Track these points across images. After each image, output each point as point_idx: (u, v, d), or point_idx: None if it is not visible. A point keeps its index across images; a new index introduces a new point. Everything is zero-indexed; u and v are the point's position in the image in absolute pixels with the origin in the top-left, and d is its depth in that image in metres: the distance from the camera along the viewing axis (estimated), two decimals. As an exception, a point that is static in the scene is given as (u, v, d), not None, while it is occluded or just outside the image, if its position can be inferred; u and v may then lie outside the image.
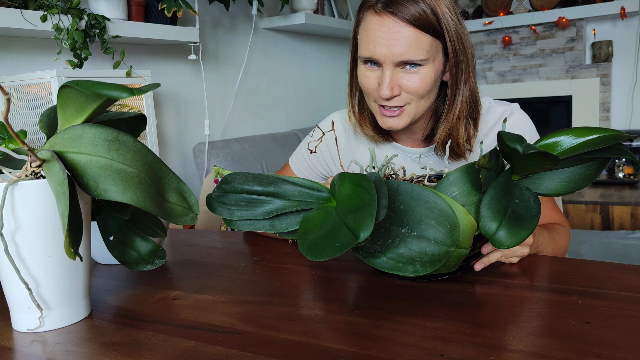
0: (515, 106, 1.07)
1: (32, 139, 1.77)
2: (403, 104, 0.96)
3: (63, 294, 0.66)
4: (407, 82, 0.94)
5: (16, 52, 1.90)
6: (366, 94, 1.00)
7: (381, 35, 0.91)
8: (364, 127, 1.08)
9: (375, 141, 1.11)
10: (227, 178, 0.78)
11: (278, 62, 3.10)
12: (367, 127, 1.08)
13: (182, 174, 2.56)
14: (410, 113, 0.97)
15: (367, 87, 0.98)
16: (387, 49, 0.91)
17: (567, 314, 0.63)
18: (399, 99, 0.95)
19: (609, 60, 3.62)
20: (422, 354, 0.55)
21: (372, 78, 0.96)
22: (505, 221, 0.66)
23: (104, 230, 0.81)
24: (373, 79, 0.96)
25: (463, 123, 0.99)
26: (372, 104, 1.00)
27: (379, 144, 1.11)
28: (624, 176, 2.95)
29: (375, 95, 0.97)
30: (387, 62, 0.93)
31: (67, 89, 0.60)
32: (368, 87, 0.97)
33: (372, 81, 0.96)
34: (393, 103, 0.96)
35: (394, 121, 0.98)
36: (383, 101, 0.96)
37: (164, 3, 2.08)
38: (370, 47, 0.93)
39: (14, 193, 0.61)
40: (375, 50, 0.93)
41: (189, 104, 2.57)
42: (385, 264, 0.64)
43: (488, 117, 1.05)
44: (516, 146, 0.64)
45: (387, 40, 0.91)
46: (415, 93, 0.95)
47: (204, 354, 0.58)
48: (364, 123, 1.08)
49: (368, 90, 0.98)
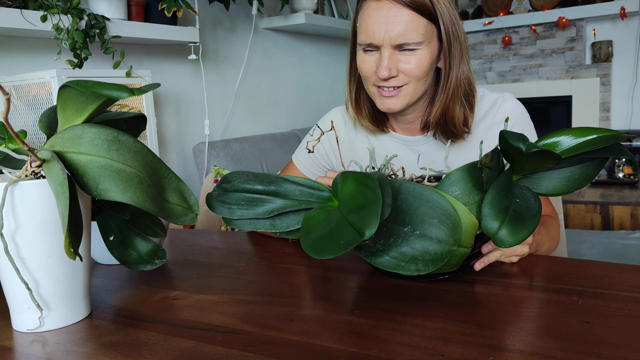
0: (509, 95, 1.09)
1: (32, 139, 1.77)
2: (401, 84, 0.99)
3: (63, 294, 0.66)
4: (405, 64, 0.97)
5: (16, 52, 1.90)
6: (365, 80, 1.03)
7: (379, 20, 0.95)
8: (360, 118, 1.11)
9: (373, 132, 1.13)
10: (227, 177, 0.78)
11: (278, 62, 3.09)
12: (363, 119, 1.10)
13: (182, 174, 2.56)
14: (407, 94, 1.00)
15: (365, 71, 1.00)
16: (385, 32, 0.95)
17: (567, 314, 0.63)
18: (397, 79, 0.98)
19: (609, 60, 3.62)
20: (422, 354, 0.55)
21: (370, 62, 0.99)
22: (507, 220, 0.66)
23: (104, 230, 0.81)
24: (371, 63, 0.99)
25: (458, 104, 1.02)
26: (370, 89, 1.02)
27: (376, 134, 1.14)
28: (624, 176, 2.95)
29: (374, 78, 1.00)
30: (385, 45, 0.96)
31: (67, 89, 0.60)
32: (367, 70, 1.00)
33: (371, 64, 0.99)
34: (391, 83, 0.98)
35: (392, 101, 1.00)
36: (381, 82, 0.98)
37: (164, 3, 2.08)
38: (369, 32, 0.96)
39: (14, 193, 0.61)
40: (374, 34, 0.96)
41: (189, 104, 2.57)
42: (388, 263, 0.64)
43: (482, 103, 1.08)
44: (519, 145, 0.64)
45: (385, 23, 0.95)
46: (412, 75, 0.97)
47: (204, 354, 0.58)
48: (361, 114, 1.10)
49: (366, 74, 1.01)
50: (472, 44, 4.03)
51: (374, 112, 1.10)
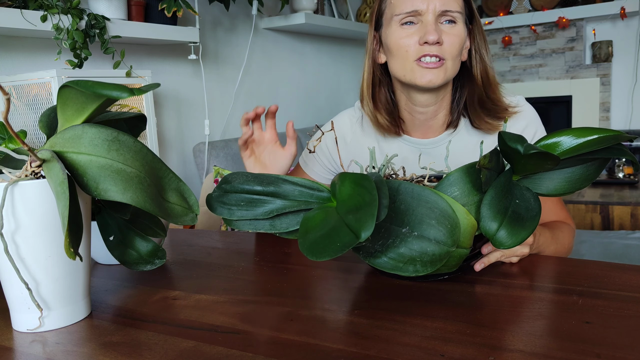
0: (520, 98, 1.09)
1: (32, 139, 1.77)
2: (443, 57, 0.98)
3: (63, 294, 0.66)
4: (447, 35, 0.98)
5: (16, 52, 1.90)
6: (402, 57, 1.00)
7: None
8: (378, 115, 1.09)
9: (385, 133, 1.11)
10: (227, 178, 0.78)
11: (278, 62, 3.10)
12: (380, 114, 1.09)
13: (182, 174, 2.56)
14: (447, 69, 0.99)
15: (406, 44, 0.99)
16: (427, 3, 0.97)
17: (567, 314, 0.63)
18: (441, 48, 0.98)
19: (609, 60, 3.62)
20: (422, 354, 0.55)
21: (411, 34, 0.99)
22: (506, 221, 0.66)
23: (104, 230, 0.81)
24: (412, 35, 0.99)
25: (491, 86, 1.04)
26: (408, 66, 1.00)
27: (387, 137, 1.11)
28: (624, 176, 2.95)
29: (416, 50, 0.98)
30: (429, 11, 0.97)
31: (67, 89, 0.60)
32: (407, 43, 0.99)
33: (412, 37, 0.99)
34: (435, 51, 0.97)
35: (433, 73, 0.98)
36: (427, 49, 0.97)
37: (164, 3, 2.08)
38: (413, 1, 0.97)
39: (14, 193, 0.61)
40: (416, 4, 0.97)
41: (189, 104, 2.57)
42: (386, 264, 0.64)
43: None
44: (517, 146, 0.64)
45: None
46: (453, 45, 0.98)
47: (204, 354, 0.58)
48: (378, 111, 1.09)
49: (407, 47, 0.99)
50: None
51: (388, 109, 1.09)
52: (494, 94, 1.04)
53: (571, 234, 1.00)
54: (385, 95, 1.08)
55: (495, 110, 1.04)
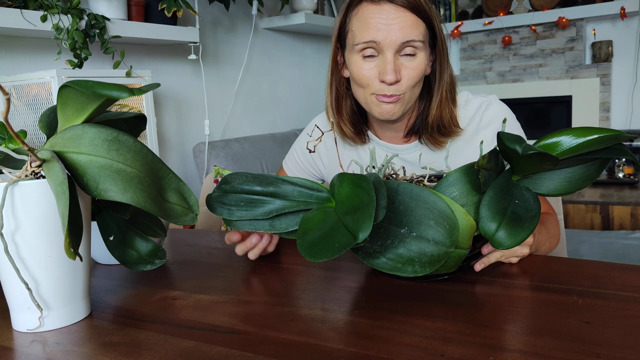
0: (493, 97, 1.08)
1: (32, 139, 1.77)
2: (402, 91, 0.97)
3: (63, 294, 0.66)
4: (406, 69, 0.95)
5: (16, 52, 1.90)
6: (363, 88, 0.99)
7: (380, 21, 0.93)
8: (342, 125, 1.08)
9: (354, 143, 1.11)
10: (226, 178, 0.78)
11: (278, 62, 3.10)
12: (345, 125, 1.08)
13: (182, 174, 2.56)
14: (404, 101, 0.98)
15: (365, 78, 0.97)
16: (387, 33, 0.93)
17: (567, 314, 0.63)
18: (399, 85, 0.96)
19: (609, 60, 3.62)
20: (422, 354, 0.55)
21: (370, 68, 0.96)
22: (505, 222, 0.66)
23: (104, 230, 0.81)
24: (372, 69, 0.96)
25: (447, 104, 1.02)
26: (368, 97, 0.99)
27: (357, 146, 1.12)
28: (624, 176, 2.95)
29: (375, 85, 0.97)
30: (389, 47, 0.94)
31: (67, 89, 0.60)
32: (367, 77, 0.97)
33: (371, 71, 0.96)
34: (393, 89, 0.96)
35: (392, 107, 0.97)
36: (385, 88, 0.96)
37: (164, 3, 2.08)
38: (371, 32, 0.94)
39: (14, 193, 0.61)
40: (375, 35, 0.94)
41: (189, 104, 2.57)
42: (385, 265, 0.64)
43: (467, 109, 1.06)
44: (515, 147, 0.64)
45: (385, 25, 0.93)
46: (412, 79, 0.96)
47: (204, 354, 0.58)
48: (342, 122, 1.08)
49: (367, 81, 0.97)
50: (472, 44, 4.03)
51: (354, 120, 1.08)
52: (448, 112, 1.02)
53: (557, 223, 1.01)
54: (351, 106, 1.07)
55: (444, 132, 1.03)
